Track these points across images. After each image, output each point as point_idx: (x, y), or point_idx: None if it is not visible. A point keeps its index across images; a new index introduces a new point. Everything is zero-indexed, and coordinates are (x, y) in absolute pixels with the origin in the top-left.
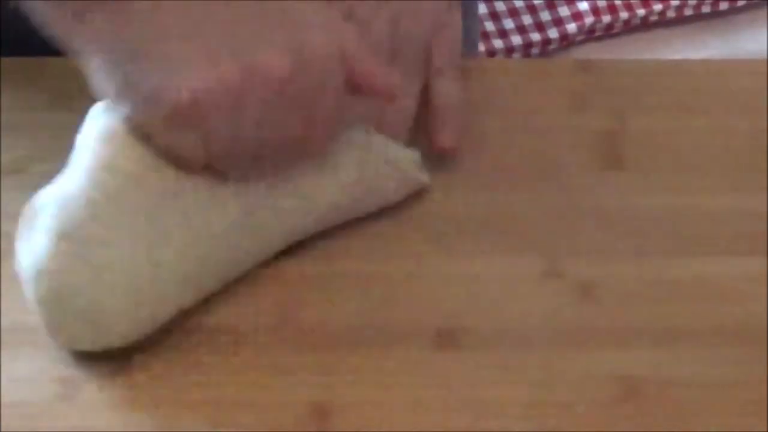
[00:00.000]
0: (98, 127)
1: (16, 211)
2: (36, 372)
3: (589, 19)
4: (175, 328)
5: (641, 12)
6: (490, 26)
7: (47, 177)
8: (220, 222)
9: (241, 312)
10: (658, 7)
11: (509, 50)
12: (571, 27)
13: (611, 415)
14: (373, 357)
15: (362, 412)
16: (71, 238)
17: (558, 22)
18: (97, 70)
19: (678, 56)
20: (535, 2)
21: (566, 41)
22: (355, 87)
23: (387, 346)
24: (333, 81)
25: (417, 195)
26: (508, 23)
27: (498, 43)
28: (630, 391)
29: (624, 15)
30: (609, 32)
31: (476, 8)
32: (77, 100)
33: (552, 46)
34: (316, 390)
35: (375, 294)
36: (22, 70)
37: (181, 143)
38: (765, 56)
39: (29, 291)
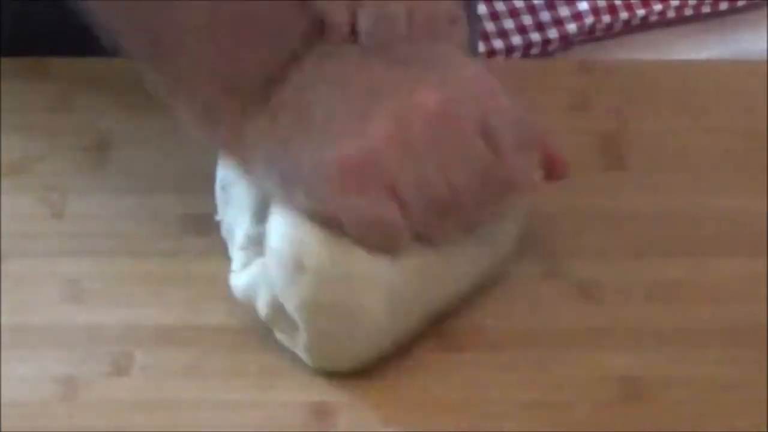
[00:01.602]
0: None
1: (17, 211)
2: (36, 372)
3: (589, 19)
4: (176, 328)
5: (641, 12)
6: (490, 26)
7: (47, 177)
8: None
9: (241, 312)
10: (658, 7)
11: (509, 50)
12: (571, 27)
13: (611, 415)
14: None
15: (362, 412)
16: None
17: (558, 22)
18: (264, 175)
19: (678, 56)
20: (535, 2)
21: (566, 41)
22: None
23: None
24: (502, 112)
25: None
26: (508, 23)
27: (498, 43)
28: (630, 391)
29: (624, 15)
30: (609, 32)
31: (476, 8)
32: (77, 100)
33: (552, 46)
34: (316, 390)
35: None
36: (22, 70)
37: (376, 212)
38: (765, 56)
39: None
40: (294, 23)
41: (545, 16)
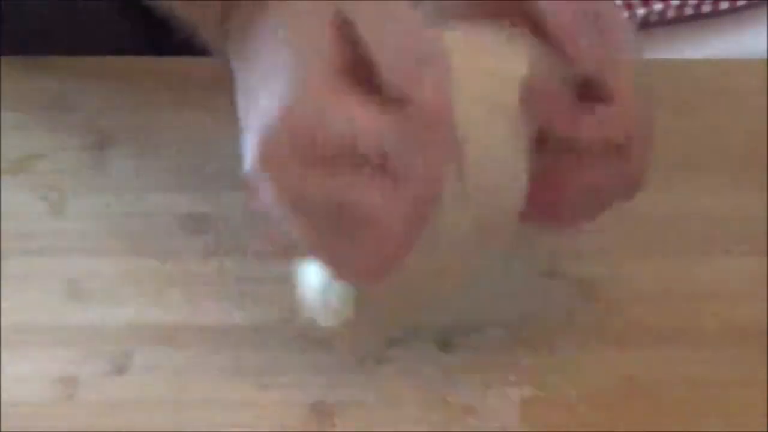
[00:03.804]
0: None
1: (17, 210)
2: (36, 372)
3: None
4: (176, 328)
5: (641, 12)
6: None
7: (47, 177)
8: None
9: (241, 312)
10: (658, 6)
11: None
12: None
13: (612, 415)
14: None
15: (362, 412)
16: None
17: None
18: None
19: (678, 56)
20: None
21: None
22: None
23: (387, 346)
24: None
25: None
26: None
27: None
28: (630, 391)
29: (624, 15)
30: None
31: None
32: (77, 99)
33: None
34: (316, 390)
35: (375, 294)
36: (22, 68)
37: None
38: (765, 56)
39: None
40: None
41: None
